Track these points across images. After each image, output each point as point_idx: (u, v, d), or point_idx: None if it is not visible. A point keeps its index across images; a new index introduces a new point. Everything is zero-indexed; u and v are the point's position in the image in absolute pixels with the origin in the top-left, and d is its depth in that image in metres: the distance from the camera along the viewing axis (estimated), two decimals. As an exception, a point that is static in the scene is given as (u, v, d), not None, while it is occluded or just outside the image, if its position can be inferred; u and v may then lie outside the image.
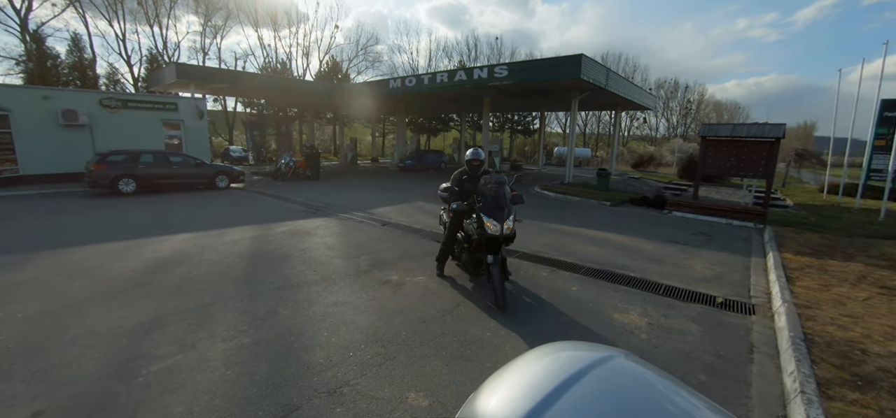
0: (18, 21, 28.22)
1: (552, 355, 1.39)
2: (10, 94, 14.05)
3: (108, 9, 32.45)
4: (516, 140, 46.25)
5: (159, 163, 13.25)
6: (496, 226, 4.34)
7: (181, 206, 10.54)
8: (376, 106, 26.64)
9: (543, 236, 7.86)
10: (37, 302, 4.28)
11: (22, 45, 28.69)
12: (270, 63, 39.33)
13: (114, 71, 34.31)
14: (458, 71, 18.19)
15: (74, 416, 2.57)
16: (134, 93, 30.07)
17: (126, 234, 7.35)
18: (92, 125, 15.13)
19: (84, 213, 9.44)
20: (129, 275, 5.16)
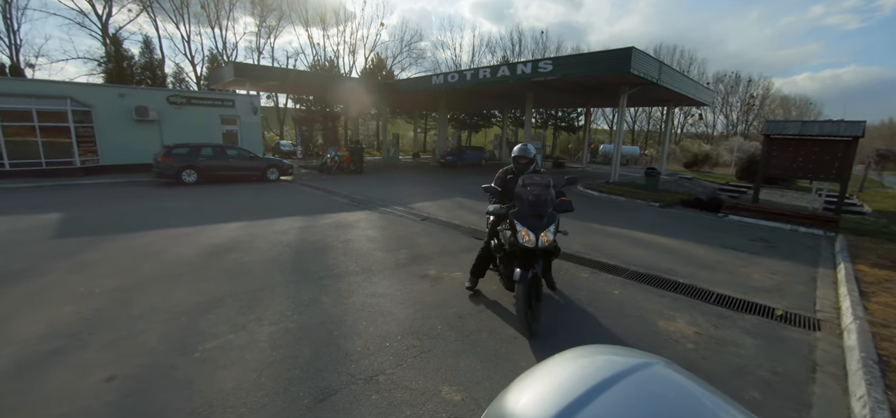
0: (100, 26, 31.25)
1: (587, 358, 1.35)
2: (92, 92, 15.64)
3: (176, 13, 35.11)
4: (560, 137, 45.09)
5: (217, 155, 14.20)
6: (531, 236, 3.63)
7: (236, 196, 11.24)
8: (419, 102, 26.96)
9: (585, 236, 7.62)
10: (111, 279, 4.75)
11: (103, 48, 31.74)
12: (319, 61, 40.87)
13: (179, 70, 37.17)
14: (501, 66, 17.99)
15: (140, 383, 2.83)
16: (196, 90, 32.38)
17: (187, 221, 7.95)
18: (160, 120, 16.48)
19: (151, 201, 10.33)
20: (189, 259, 5.58)
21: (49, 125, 14.57)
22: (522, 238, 3.67)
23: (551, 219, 3.76)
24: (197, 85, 36.48)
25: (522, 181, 3.93)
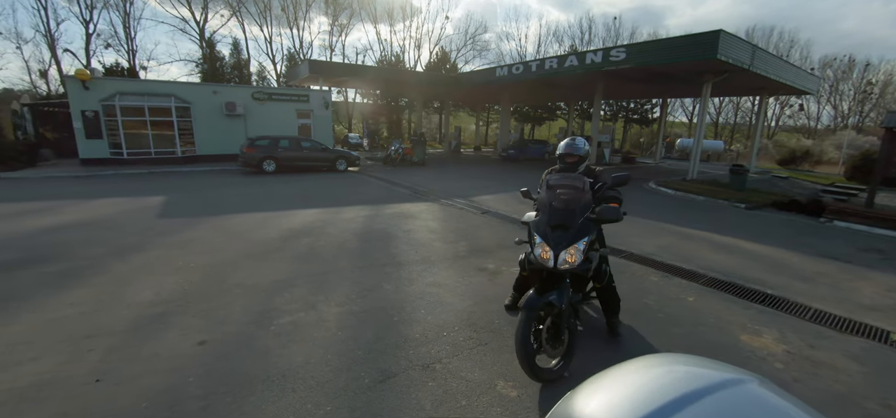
0: (198, 31, 35.02)
1: (664, 367, 1.23)
2: (191, 90, 17.61)
3: (260, 16, 38.22)
4: (631, 130, 42.37)
5: (293, 147, 15.31)
6: (550, 253, 2.88)
7: (309, 185, 12.06)
8: (481, 95, 26.82)
9: (656, 236, 7.11)
10: (204, 256, 5.35)
11: (199, 51, 35.57)
12: (386, 56, 42.24)
13: (262, 68, 40.63)
14: (569, 56, 17.27)
15: (226, 348, 3.17)
16: (276, 87, 35.07)
17: (268, 206, 8.70)
18: (246, 114, 18.12)
19: (238, 188, 11.43)
20: (269, 241, 6.11)
21: (157, 119, 16.68)
22: (540, 254, 2.94)
23: (582, 231, 2.90)
24: (276, 82, 39.54)
25: (548, 181, 3.20)
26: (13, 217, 7.36)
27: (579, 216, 2.95)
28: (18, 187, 10.97)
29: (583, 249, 2.89)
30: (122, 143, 16.10)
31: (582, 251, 2.88)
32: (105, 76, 21.17)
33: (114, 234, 6.31)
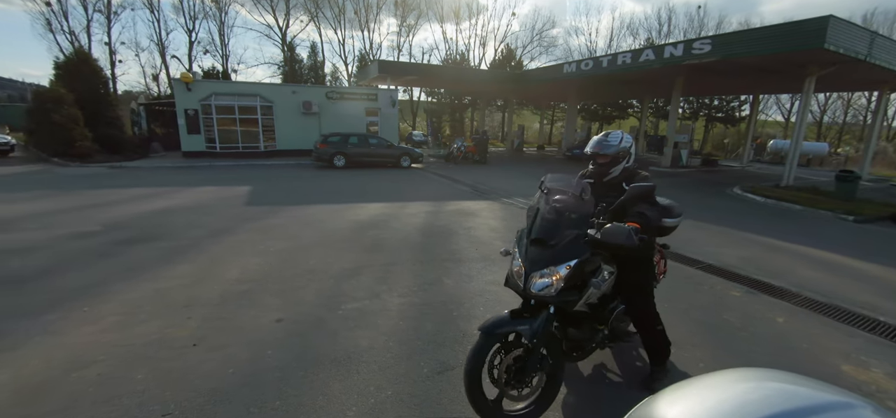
0: (281, 37, 38.06)
1: (756, 382, 1.10)
2: (273, 90, 19.23)
3: (335, 20, 40.58)
4: (713, 129, 38.68)
5: (362, 144, 16.11)
6: (522, 272, 2.30)
7: (375, 180, 12.61)
8: (546, 92, 26.11)
9: (740, 247, 6.46)
10: (283, 241, 5.84)
11: (281, 54, 38.64)
12: (451, 55, 42.73)
13: (335, 69, 43.07)
14: (645, 50, 16.20)
15: (300, 326, 3.44)
16: (347, 87, 37.03)
17: (338, 199, 9.26)
18: (320, 112, 19.38)
19: (312, 181, 12.28)
20: (339, 231, 6.51)
21: (245, 117, 18.45)
22: (516, 271, 2.37)
23: (567, 252, 2.23)
24: (347, 82, 41.74)
25: (546, 182, 2.54)
26: (131, 201, 8.60)
27: (567, 231, 2.27)
28: (135, 175, 12.77)
29: (565, 274, 2.20)
30: (215, 138, 18.03)
31: (564, 276, 2.19)
32: (203, 79, 23.81)
33: (209, 218, 7.12)
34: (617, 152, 2.64)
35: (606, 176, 2.69)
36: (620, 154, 2.65)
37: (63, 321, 3.44)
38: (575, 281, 2.27)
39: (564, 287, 2.21)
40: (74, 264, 4.78)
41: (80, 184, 10.71)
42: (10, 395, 2.53)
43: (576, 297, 2.33)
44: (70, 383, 2.65)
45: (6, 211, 7.32)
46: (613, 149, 2.64)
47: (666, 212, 3.00)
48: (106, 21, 33.67)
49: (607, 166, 2.67)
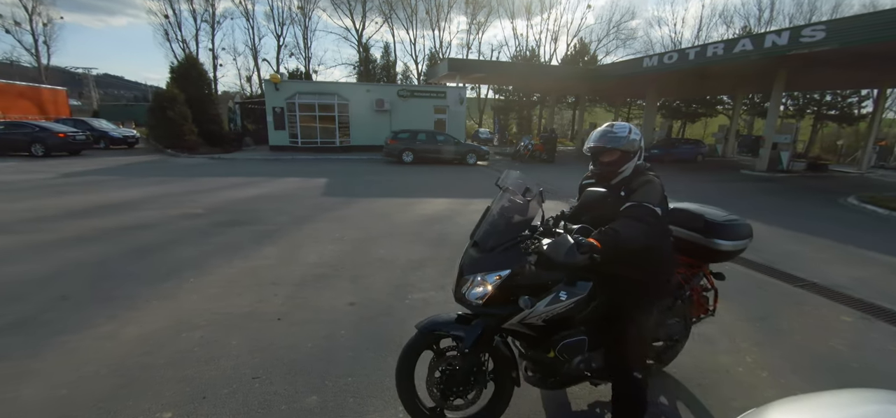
0: (357, 38, 40.18)
1: (885, 405, 0.99)
2: (350, 89, 20.41)
3: (407, 20, 41.89)
4: (823, 129, 33.71)
5: (429, 140, 16.48)
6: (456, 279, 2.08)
7: (442, 177, 12.86)
8: (622, 88, 24.61)
9: (853, 266, 5.58)
10: (356, 231, 6.20)
11: (357, 55, 40.79)
12: (521, 51, 42.01)
13: (406, 68, 44.46)
14: (741, 39, 14.59)
15: (370, 311, 3.64)
16: (417, 85, 38.08)
17: (407, 193, 9.59)
18: (391, 110, 20.18)
19: (382, 175, 12.85)
20: (407, 224, 6.75)
21: (323, 114, 19.80)
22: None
23: (498, 260, 1.96)
24: (417, 80, 42.89)
25: (500, 184, 2.29)
26: (228, 188, 9.67)
27: (501, 237, 2.00)
28: (231, 166, 14.32)
29: (494, 284, 1.92)
30: (297, 134, 19.58)
31: (493, 286, 1.92)
32: (289, 80, 25.93)
33: (292, 206, 7.78)
34: (627, 146, 2.11)
35: (615, 177, 2.15)
36: (631, 149, 2.12)
37: (175, 289, 3.99)
38: (509, 294, 1.95)
39: (493, 299, 1.93)
40: (183, 241, 5.51)
41: (187, 172, 12.28)
42: (136, 345, 3.00)
43: (507, 313, 1.97)
44: (180, 341, 3.07)
45: (133, 194, 8.63)
46: (623, 143, 2.10)
47: (716, 231, 2.41)
48: (210, 30, 38.06)
49: (615, 165, 2.14)
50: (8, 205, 7.28)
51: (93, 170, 12.12)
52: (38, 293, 3.81)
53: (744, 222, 2.54)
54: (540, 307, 1.94)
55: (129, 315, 3.45)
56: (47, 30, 39.19)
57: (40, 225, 6.04)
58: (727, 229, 2.45)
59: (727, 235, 2.45)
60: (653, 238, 1.92)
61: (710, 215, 2.50)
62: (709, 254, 2.52)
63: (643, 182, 2.04)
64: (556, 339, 2.04)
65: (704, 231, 2.48)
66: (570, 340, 2.04)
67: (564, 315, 1.97)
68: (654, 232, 1.92)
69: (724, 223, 2.46)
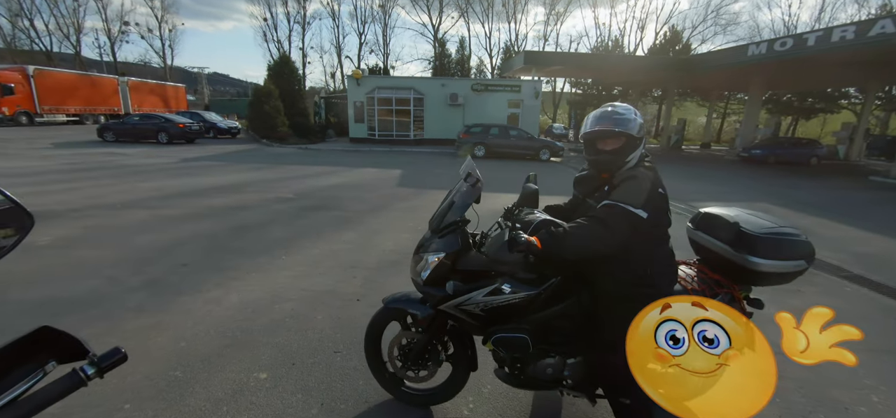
0: (433, 33, 40.96)
1: None
2: (425, 83, 20.90)
3: (483, 14, 41.75)
4: None
5: (502, 135, 16.32)
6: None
7: (513, 171, 12.67)
8: (720, 80, 22.12)
9: None
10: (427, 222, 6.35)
11: (432, 50, 41.60)
12: (602, 41, 39.73)
13: (481, 62, 44.35)
14: (880, 19, 12.30)
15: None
16: (491, 79, 37.90)
17: (476, 187, 9.61)
18: (464, 104, 20.29)
19: (453, 167, 13.00)
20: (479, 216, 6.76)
21: (399, 108, 20.54)
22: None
23: (441, 241, 1.99)
24: (491, 74, 42.64)
25: (462, 171, 2.23)
26: (314, 176, 10.47)
27: (444, 221, 2.01)
28: (315, 156, 15.49)
29: (433, 264, 1.93)
30: (375, 127, 20.55)
31: (432, 266, 1.93)
32: (369, 75, 27.28)
33: (370, 195, 8.21)
34: (634, 131, 1.79)
35: (621, 166, 1.81)
36: (639, 134, 1.81)
37: (269, 264, 4.42)
38: (450, 276, 1.95)
39: (431, 278, 1.94)
40: (276, 222, 6.09)
41: (279, 160, 13.53)
42: (237, 312, 3.38)
43: (442, 295, 1.95)
44: (273, 311, 3.40)
45: (236, 178, 9.73)
46: (630, 126, 1.78)
47: (749, 245, 1.83)
48: (301, 30, 41.39)
49: (620, 154, 1.80)
50: (142, 184, 8.62)
51: (204, 157, 13.88)
52: (165, 259, 4.47)
53: (798, 238, 1.86)
54: (478, 296, 1.89)
55: (233, 284, 3.90)
56: (172, 35, 45.67)
57: (165, 202, 7.08)
58: (766, 244, 1.82)
59: (765, 252, 1.82)
60: (613, 246, 1.64)
61: (749, 224, 1.90)
62: (741, 274, 1.92)
63: (626, 177, 1.72)
64: (492, 331, 1.96)
65: (735, 243, 1.88)
66: (505, 334, 1.92)
67: (507, 308, 1.86)
68: (617, 239, 1.63)
69: (763, 235, 1.83)
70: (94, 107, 28.26)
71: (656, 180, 1.73)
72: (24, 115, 23.96)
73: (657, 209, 1.71)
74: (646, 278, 1.75)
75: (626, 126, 1.77)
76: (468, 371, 2.25)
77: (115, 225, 5.68)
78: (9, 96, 23.13)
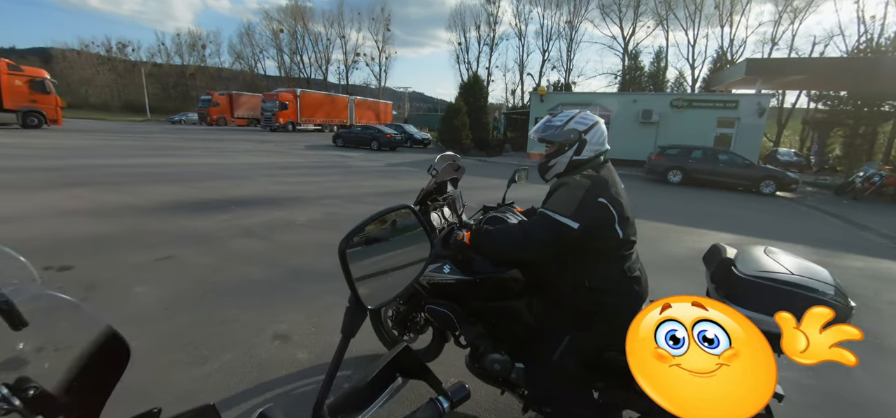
0: (622, 46, 37.98)
1: None
2: (613, 99, 19.57)
3: (687, 20, 36.47)
4: None
5: (707, 159, 13.82)
6: None
7: (724, 205, 10.54)
8: None
9: None
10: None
11: (621, 63, 38.59)
12: (869, 39, 29.59)
13: (679, 75, 38.86)
14: None
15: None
16: (696, 93, 32.73)
17: (673, 218, 8.31)
18: (659, 122, 18.05)
19: (640, 192, 11.66)
20: (674, 256, 5.81)
21: (582, 125, 19.72)
22: None
23: None
24: (692, 87, 36.87)
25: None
26: (492, 188, 10.89)
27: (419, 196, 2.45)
28: (493, 168, 16.19)
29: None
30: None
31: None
32: (553, 92, 27.13)
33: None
34: (557, 137, 1.82)
35: (546, 171, 1.91)
36: (564, 141, 1.81)
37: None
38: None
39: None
40: (464, 230, 6.52)
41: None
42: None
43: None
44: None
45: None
46: (553, 133, 1.83)
47: (728, 286, 1.54)
48: (489, 51, 44.24)
49: (546, 159, 1.89)
50: (362, 181, 10.55)
51: (404, 162, 16.15)
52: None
53: (806, 292, 1.40)
54: (426, 271, 2.00)
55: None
56: (387, 62, 55.39)
57: (381, 199, 8.45)
58: (746, 289, 1.48)
59: (743, 298, 1.45)
60: (530, 253, 1.68)
61: (751, 264, 1.55)
62: None
63: (559, 184, 1.77)
64: (428, 300, 2.17)
65: (720, 282, 1.62)
66: (435, 307, 2.12)
67: (444, 286, 2.08)
68: (533, 248, 1.65)
69: (750, 278, 1.49)
70: (331, 119, 36.67)
71: (596, 190, 1.64)
72: (290, 124, 32.83)
73: (594, 220, 1.61)
74: (579, 292, 1.69)
75: (550, 135, 1.82)
76: (442, 341, 2.54)
77: (346, 214, 7.05)
78: (284, 111, 32.17)
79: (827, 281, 1.50)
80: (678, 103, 17.96)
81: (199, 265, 4.34)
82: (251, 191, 8.53)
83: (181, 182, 9.07)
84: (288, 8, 58.38)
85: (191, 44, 63.48)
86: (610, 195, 1.68)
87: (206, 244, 5.02)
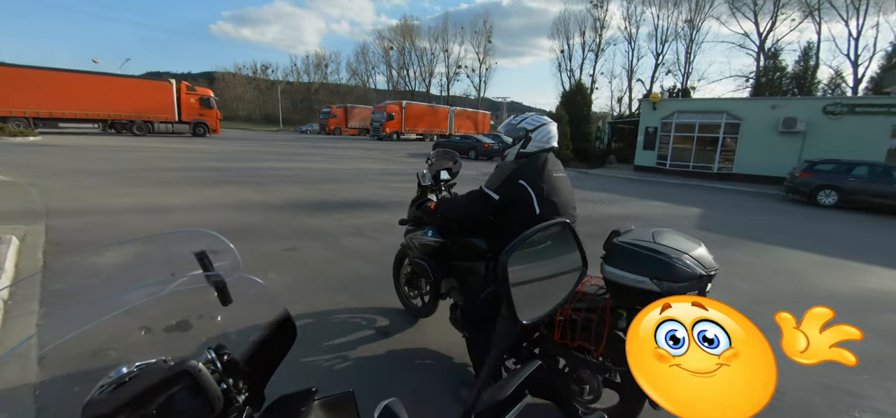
0: (757, 43, 32.83)
1: None
2: (745, 106, 17.03)
3: (848, 7, 30.04)
4: None
5: (877, 177, 11.19)
6: None
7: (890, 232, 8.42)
8: None
9: None
10: (743, 282, 4.97)
11: (755, 64, 33.35)
12: None
13: (836, 75, 32.19)
14: None
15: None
16: (861, 96, 26.81)
17: (828, 250, 6.86)
18: (806, 132, 15.17)
19: (780, 216, 9.89)
20: (840, 295, 4.78)
21: (703, 135, 17.49)
22: None
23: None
24: (853, 89, 30.27)
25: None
26: (598, 203, 10.23)
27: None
28: (595, 181, 15.23)
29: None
30: (667, 155, 18.34)
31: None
32: (668, 99, 24.69)
33: (661, 234, 7.26)
34: (515, 134, 2.38)
35: (503, 158, 2.54)
36: (512, 135, 2.40)
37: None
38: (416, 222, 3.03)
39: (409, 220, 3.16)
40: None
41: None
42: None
43: (408, 229, 3.14)
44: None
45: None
46: (511, 130, 2.41)
47: (609, 251, 1.94)
48: (594, 57, 41.99)
49: (506, 147, 2.47)
50: (460, 190, 10.79)
51: (500, 173, 16.11)
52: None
53: (661, 257, 1.72)
54: (419, 234, 2.83)
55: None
56: (487, 73, 56.12)
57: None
58: (620, 252, 1.85)
59: (616, 260, 1.84)
60: (465, 215, 2.53)
61: (633, 234, 1.92)
62: (620, 291, 1.87)
63: (497, 166, 2.42)
64: (414, 256, 2.90)
65: (605, 245, 1.95)
66: (419, 260, 2.81)
67: (428, 246, 2.75)
68: (465, 211, 2.49)
69: (624, 244, 1.85)
70: (432, 128, 38.45)
71: (519, 173, 2.19)
72: (395, 133, 35.24)
73: (512, 196, 2.19)
74: (488, 249, 2.44)
75: (507, 130, 2.44)
76: (436, 301, 3.15)
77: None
78: (390, 121, 34.68)
79: (690, 253, 1.74)
80: (834, 108, 14.81)
81: (317, 257, 4.88)
82: (361, 194, 9.33)
83: (304, 183, 10.33)
84: (397, 27, 63.54)
85: (316, 64, 72.78)
86: (531, 178, 2.16)
87: (323, 239, 5.63)
